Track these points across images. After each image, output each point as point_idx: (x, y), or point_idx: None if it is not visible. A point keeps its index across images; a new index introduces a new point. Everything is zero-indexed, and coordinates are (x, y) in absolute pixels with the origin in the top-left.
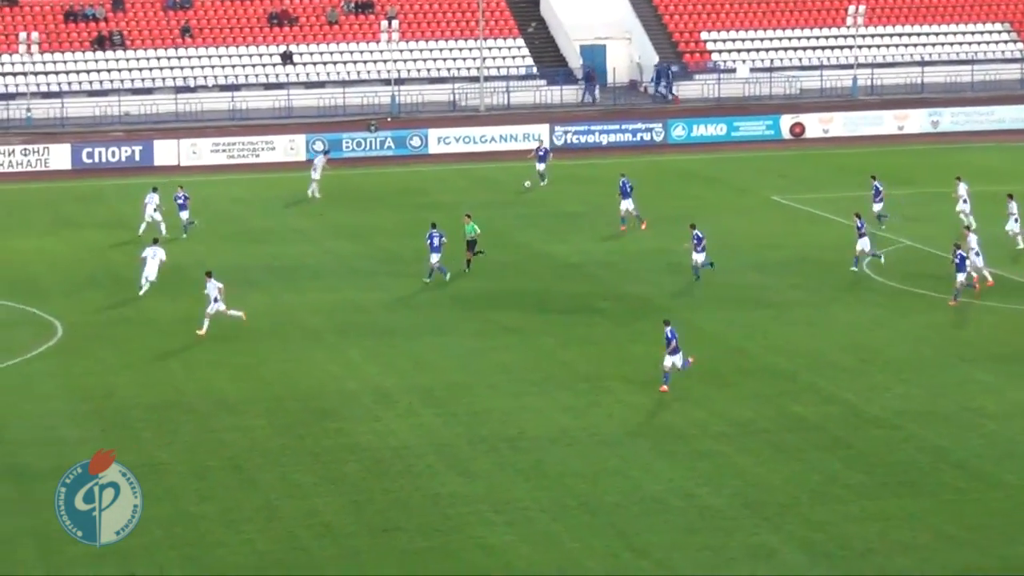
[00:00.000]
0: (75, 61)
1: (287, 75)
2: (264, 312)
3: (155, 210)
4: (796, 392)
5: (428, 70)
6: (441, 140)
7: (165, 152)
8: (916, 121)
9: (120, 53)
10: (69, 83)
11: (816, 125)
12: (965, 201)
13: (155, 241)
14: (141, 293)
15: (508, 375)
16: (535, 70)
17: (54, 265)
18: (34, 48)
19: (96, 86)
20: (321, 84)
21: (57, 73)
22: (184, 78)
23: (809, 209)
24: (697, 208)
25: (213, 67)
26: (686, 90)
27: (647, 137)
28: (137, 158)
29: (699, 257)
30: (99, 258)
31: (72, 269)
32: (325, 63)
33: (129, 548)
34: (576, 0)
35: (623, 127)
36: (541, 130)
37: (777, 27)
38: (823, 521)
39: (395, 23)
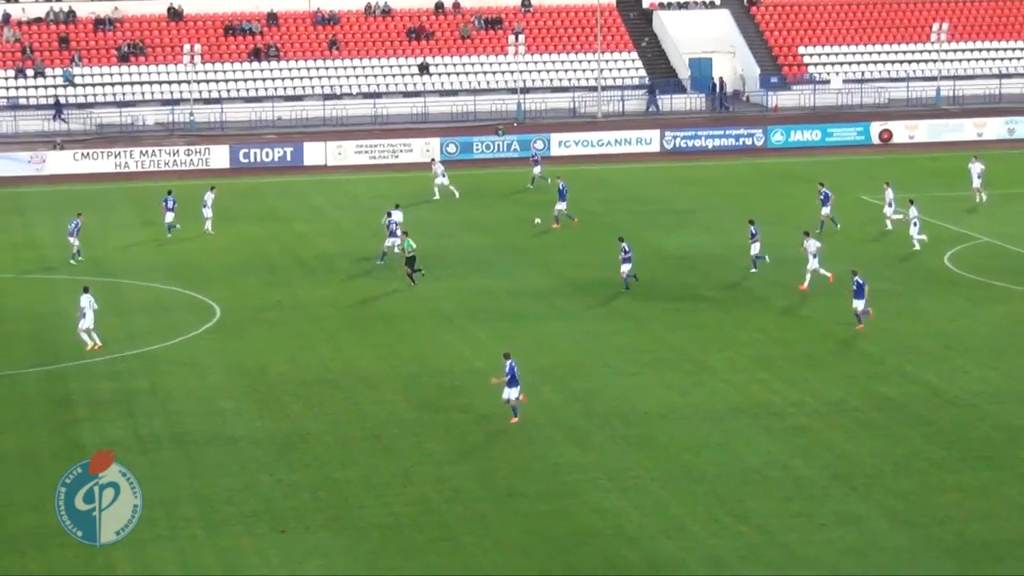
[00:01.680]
0: (234, 71)
1: (423, 84)
2: (403, 298)
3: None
4: (883, 374)
5: (551, 80)
6: (562, 143)
7: (314, 153)
8: (994, 128)
9: (274, 64)
10: (228, 90)
11: (903, 131)
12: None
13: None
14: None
15: (622, 356)
16: (647, 80)
17: (214, 254)
18: (197, 59)
19: (252, 93)
20: (454, 92)
21: (217, 81)
22: (331, 86)
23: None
24: (794, 207)
25: (357, 77)
26: (784, 99)
27: (749, 142)
28: (288, 158)
29: (755, 248)
30: (254, 248)
31: (230, 258)
32: (458, 73)
33: (280, 509)
34: (685, 17)
35: (727, 132)
36: (652, 135)
37: (868, 42)
38: (905, 491)
39: (521, 38)
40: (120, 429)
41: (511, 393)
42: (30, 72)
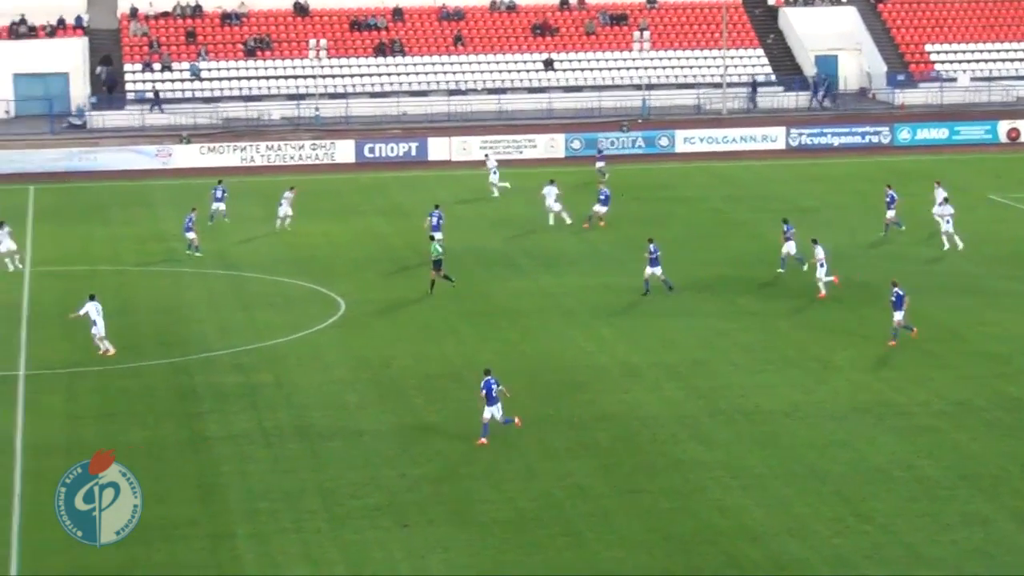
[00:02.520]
0: (359, 66)
1: (548, 80)
2: (526, 294)
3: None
4: (1010, 374)
5: (676, 76)
6: (687, 140)
7: (438, 148)
8: None
9: (399, 59)
10: (354, 86)
11: None
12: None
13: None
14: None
15: (746, 354)
16: (773, 77)
17: (339, 248)
18: (323, 54)
19: (377, 88)
20: (579, 88)
21: (343, 76)
22: (456, 82)
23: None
24: (921, 205)
25: (482, 72)
26: (911, 97)
27: (875, 139)
28: (413, 153)
29: (789, 247)
30: (379, 242)
31: (355, 252)
32: (583, 69)
33: (403, 503)
34: (811, 14)
35: (853, 130)
36: (778, 132)
37: (996, 40)
38: None
39: (646, 34)
40: (244, 422)
41: (492, 411)
42: (157, 66)
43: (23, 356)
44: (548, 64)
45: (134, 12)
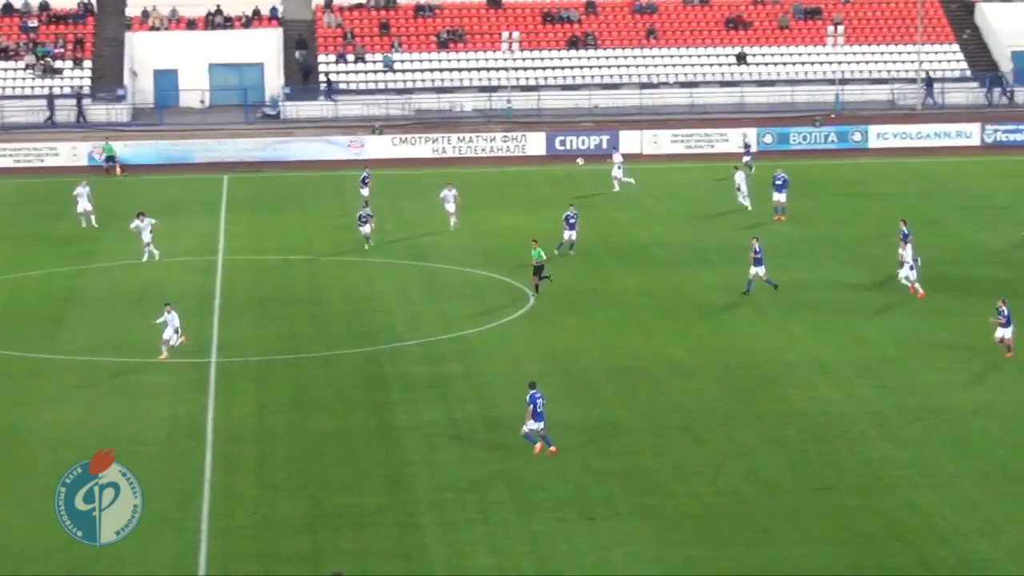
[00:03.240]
0: (551, 58)
1: (741, 74)
2: (717, 288)
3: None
4: None
5: (869, 71)
6: (880, 136)
7: (629, 141)
8: None
9: (591, 52)
10: (545, 78)
11: None
12: None
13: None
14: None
15: (938, 352)
16: (968, 73)
17: (529, 240)
18: (515, 46)
19: (569, 81)
20: (771, 83)
21: (535, 69)
22: (648, 75)
23: None
24: None
25: (674, 66)
26: None
27: None
28: (604, 146)
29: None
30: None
31: (545, 244)
32: (776, 63)
33: (590, 496)
34: (1009, 9)
35: None
36: (973, 128)
37: None
38: None
39: (840, 28)
40: (433, 412)
41: (536, 427)
42: (350, 57)
43: (215, 344)
44: (741, 58)
45: (328, 3)
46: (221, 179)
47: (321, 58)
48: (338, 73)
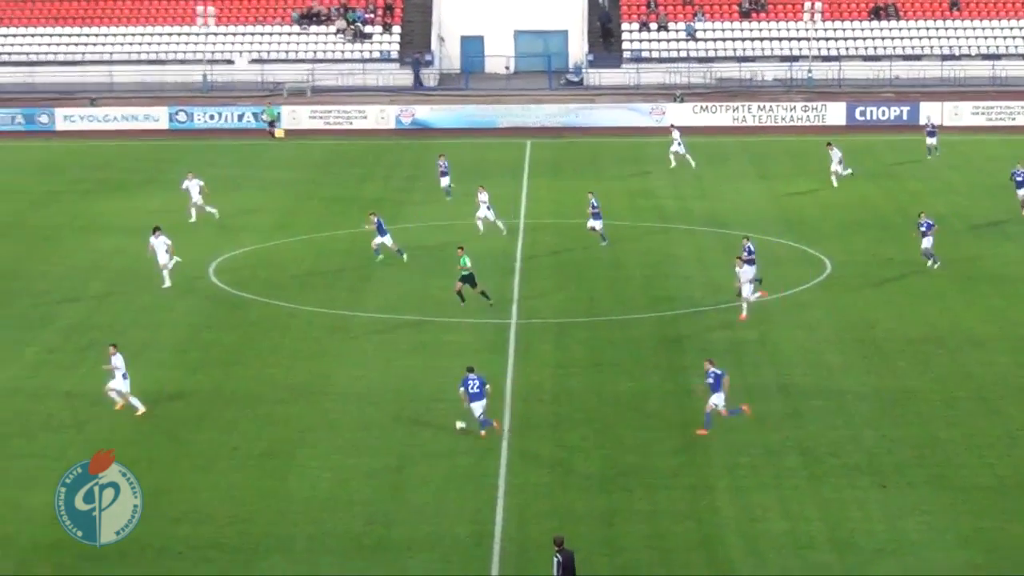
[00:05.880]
0: (853, 29)
1: None
2: (1016, 260)
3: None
4: None
5: None
6: None
7: (930, 113)
8: None
9: (894, 23)
10: (846, 48)
11: None
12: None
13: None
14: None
15: None
16: None
17: (827, 209)
18: (817, 16)
19: (871, 52)
20: None
21: (836, 39)
22: (951, 47)
23: None
24: None
25: (977, 38)
26: None
27: None
28: (904, 117)
29: (927, 242)
30: (866, 205)
31: (843, 214)
32: None
33: (882, 464)
34: None
35: None
36: None
37: None
38: None
39: None
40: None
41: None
42: (653, 26)
43: (515, 305)
44: None
45: None
46: (524, 144)
47: (624, 26)
48: (641, 41)
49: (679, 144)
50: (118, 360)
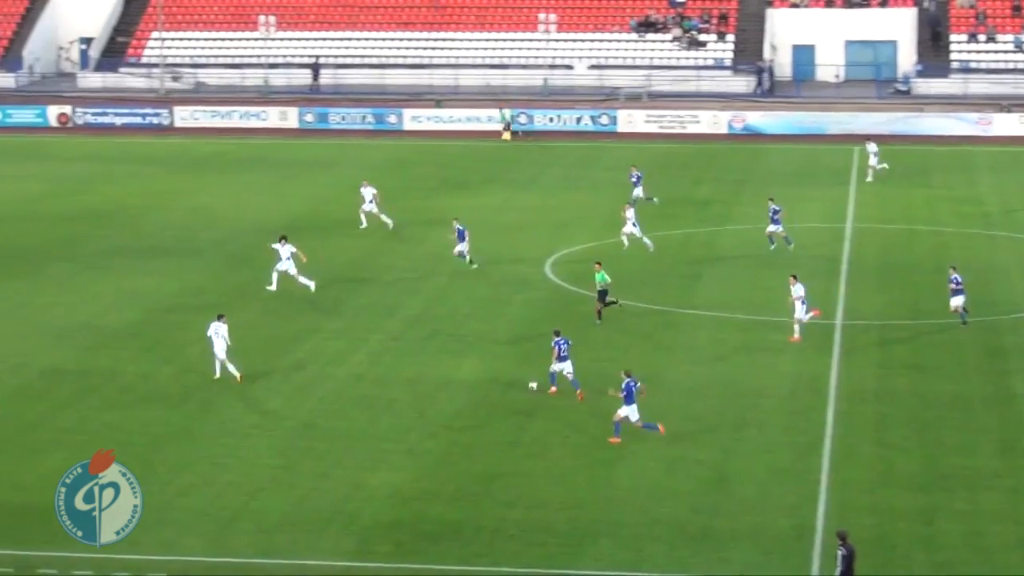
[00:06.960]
0: None
1: None
2: None
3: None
4: None
5: None
6: None
7: None
8: None
9: None
10: None
11: None
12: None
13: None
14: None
15: None
16: None
17: None
18: None
19: None
20: None
21: None
22: None
23: None
24: None
25: None
26: None
27: None
28: None
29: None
30: None
31: None
32: None
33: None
34: None
35: None
36: None
37: None
38: None
39: None
40: None
41: (628, 412)
42: (982, 37)
43: (840, 307)
44: None
45: None
46: (851, 150)
47: (953, 37)
48: (969, 52)
49: (875, 157)
50: None
